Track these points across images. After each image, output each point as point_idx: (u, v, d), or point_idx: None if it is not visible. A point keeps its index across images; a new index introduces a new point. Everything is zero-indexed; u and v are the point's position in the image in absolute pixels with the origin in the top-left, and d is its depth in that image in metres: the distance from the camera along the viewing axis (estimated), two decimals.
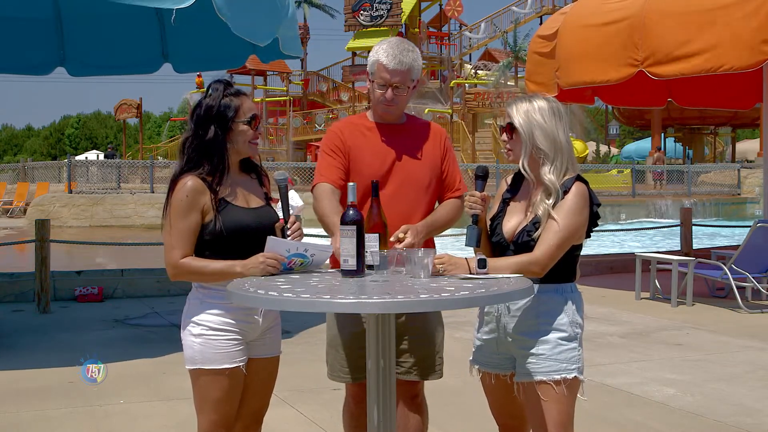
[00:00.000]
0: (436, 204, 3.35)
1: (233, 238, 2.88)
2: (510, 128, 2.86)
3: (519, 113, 2.83)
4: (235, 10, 5.98)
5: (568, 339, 2.81)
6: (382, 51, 3.16)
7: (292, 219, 2.95)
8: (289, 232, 2.91)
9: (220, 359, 2.87)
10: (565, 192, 2.79)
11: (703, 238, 17.92)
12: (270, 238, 2.84)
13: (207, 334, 2.88)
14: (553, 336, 2.80)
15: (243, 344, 2.92)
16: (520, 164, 2.85)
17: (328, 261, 3.04)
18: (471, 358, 3.04)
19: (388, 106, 3.20)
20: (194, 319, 2.91)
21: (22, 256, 14.54)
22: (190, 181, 2.87)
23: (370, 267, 2.77)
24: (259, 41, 6.68)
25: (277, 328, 3.08)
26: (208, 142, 2.90)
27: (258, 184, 3.07)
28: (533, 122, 2.81)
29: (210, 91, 2.96)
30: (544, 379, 2.78)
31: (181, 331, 2.96)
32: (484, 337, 2.96)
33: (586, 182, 2.85)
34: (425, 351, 3.24)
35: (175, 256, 2.86)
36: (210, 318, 2.89)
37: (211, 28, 7.70)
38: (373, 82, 3.20)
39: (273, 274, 2.81)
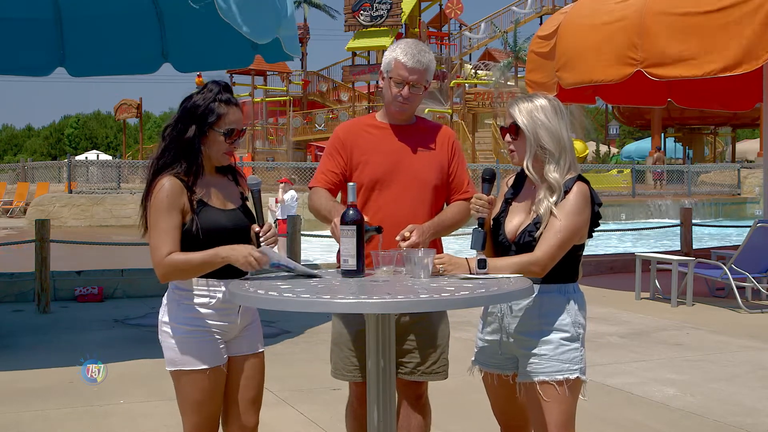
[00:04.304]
0: (445, 206, 3.35)
1: (210, 240, 2.84)
2: (514, 129, 2.83)
3: (522, 113, 2.80)
4: (237, 9, 5.99)
5: (571, 339, 2.80)
6: (400, 50, 3.19)
7: (267, 226, 2.90)
8: (262, 239, 2.86)
9: (200, 359, 2.85)
10: (566, 192, 2.77)
11: (703, 238, 17.91)
12: (265, 247, 2.83)
13: (185, 335, 2.85)
14: (555, 336, 2.79)
15: (222, 343, 2.90)
16: (524, 165, 2.83)
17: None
18: (473, 359, 3.02)
19: (402, 104, 3.22)
20: (172, 320, 2.88)
21: (22, 256, 14.52)
22: (167, 182, 2.83)
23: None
24: (259, 39, 6.68)
25: (255, 325, 3.04)
26: (185, 140, 2.86)
27: (234, 184, 3.03)
28: (537, 122, 2.78)
29: (205, 89, 2.92)
30: (546, 379, 2.77)
31: (159, 332, 2.93)
32: (487, 338, 2.95)
33: (587, 182, 2.83)
34: (430, 352, 3.23)
35: (161, 253, 2.80)
36: (187, 319, 2.86)
37: (211, 28, 7.71)
38: (390, 79, 3.21)
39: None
